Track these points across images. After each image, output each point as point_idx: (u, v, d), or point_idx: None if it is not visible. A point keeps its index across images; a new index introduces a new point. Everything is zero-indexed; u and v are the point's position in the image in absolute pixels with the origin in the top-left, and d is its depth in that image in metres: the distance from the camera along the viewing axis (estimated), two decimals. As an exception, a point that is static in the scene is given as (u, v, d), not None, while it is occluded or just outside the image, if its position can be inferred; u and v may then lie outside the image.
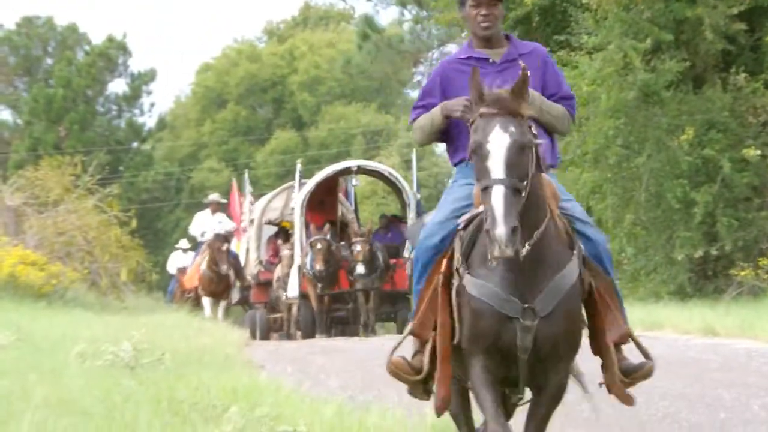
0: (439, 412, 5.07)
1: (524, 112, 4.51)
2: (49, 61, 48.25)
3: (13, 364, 8.11)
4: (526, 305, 4.65)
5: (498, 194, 4.33)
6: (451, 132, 5.12)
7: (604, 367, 4.90)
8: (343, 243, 19.02)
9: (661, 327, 13.51)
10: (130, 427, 5.89)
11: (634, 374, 4.90)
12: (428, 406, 7.42)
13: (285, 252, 19.21)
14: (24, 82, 48.72)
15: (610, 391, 4.94)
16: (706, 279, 17.65)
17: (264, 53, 50.96)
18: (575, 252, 4.74)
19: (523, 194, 4.42)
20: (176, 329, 12.45)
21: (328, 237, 18.09)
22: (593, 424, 6.43)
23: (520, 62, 4.68)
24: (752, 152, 16.62)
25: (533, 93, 4.92)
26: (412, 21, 28.84)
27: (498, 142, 4.43)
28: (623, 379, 4.87)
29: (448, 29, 26.23)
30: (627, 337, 4.87)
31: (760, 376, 9.07)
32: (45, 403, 6.14)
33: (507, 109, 4.47)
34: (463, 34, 23.21)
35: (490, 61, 5.08)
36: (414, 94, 52.27)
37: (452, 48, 28.39)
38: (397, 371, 4.99)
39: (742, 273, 16.56)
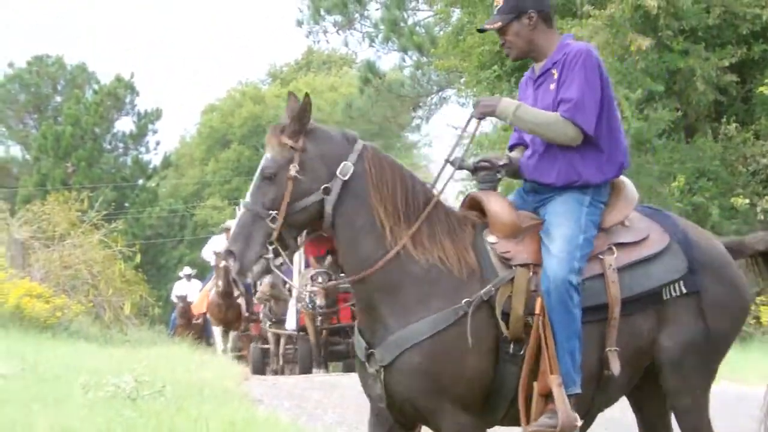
0: None
1: (284, 142, 4.33)
2: (59, 99, 48.64)
3: (17, 393, 8.07)
4: (370, 350, 4.36)
5: (237, 216, 4.35)
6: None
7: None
8: (344, 274, 18.38)
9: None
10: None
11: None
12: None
13: (265, 279, 18.43)
14: (34, 119, 49.12)
15: None
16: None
17: (267, 95, 51.35)
18: (472, 297, 4.28)
19: (272, 224, 4.27)
20: (177, 362, 12.38)
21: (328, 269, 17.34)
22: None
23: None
24: (741, 201, 16.79)
25: (506, 103, 4.58)
26: (412, 66, 29.13)
27: (258, 168, 4.45)
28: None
29: (448, 75, 26.56)
30: (548, 389, 4.31)
31: (749, 419, 9.08)
32: None
33: (274, 137, 4.39)
34: (461, 80, 23.53)
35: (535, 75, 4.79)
36: (413, 137, 52.60)
37: (451, 92, 28.80)
38: None
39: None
